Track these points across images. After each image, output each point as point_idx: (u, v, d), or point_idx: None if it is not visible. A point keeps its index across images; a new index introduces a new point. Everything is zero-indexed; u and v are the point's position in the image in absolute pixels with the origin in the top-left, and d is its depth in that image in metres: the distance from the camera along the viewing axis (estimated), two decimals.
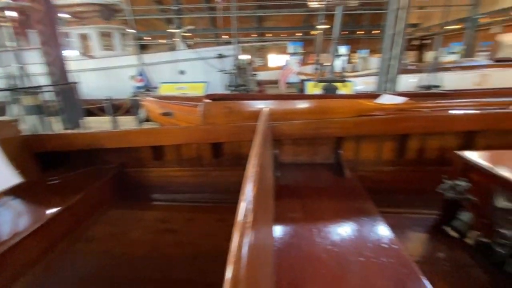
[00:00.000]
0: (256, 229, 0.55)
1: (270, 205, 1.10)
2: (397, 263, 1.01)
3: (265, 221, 0.85)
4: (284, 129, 1.77)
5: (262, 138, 0.84)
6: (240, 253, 0.42)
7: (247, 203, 0.50)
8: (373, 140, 1.98)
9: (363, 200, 1.43)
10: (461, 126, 1.83)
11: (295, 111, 1.78)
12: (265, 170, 1.09)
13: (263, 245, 0.70)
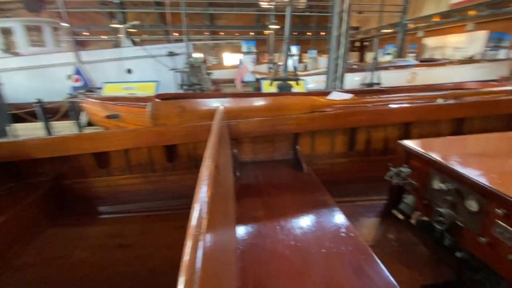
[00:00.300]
0: (214, 234, 0.50)
1: (230, 206, 1.05)
2: (355, 250, 1.05)
3: (226, 224, 0.80)
4: (241, 127, 1.73)
5: (217, 138, 0.79)
6: (193, 262, 0.37)
7: (201, 208, 0.45)
8: (326, 134, 2.08)
9: (321, 193, 1.48)
10: (400, 118, 2.04)
11: (252, 109, 1.76)
12: (224, 171, 1.04)
13: (224, 249, 0.65)
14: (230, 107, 1.72)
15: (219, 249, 0.55)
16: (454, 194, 1.10)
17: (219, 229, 0.60)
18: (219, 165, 0.77)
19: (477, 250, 1.02)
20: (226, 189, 0.90)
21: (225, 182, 0.98)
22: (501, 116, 2.18)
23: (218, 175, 0.69)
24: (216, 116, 1.10)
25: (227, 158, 1.26)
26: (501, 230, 0.92)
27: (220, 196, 0.69)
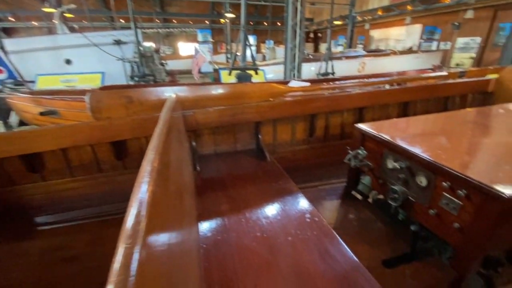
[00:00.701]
0: (160, 237, 0.43)
1: (188, 203, 0.96)
2: (320, 234, 1.06)
3: (182, 223, 0.72)
4: (198, 117, 1.62)
5: (165, 130, 0.69)
6: (126, 271, 0.30)
7: (139, 209, 0.37)
8: (287, 122, 2.08)
9: (285, 181, 1.47)
10: (354, 103, 2.13)
11: (209, 98, 1.65)
12: (179, 166, 0.94)
13: (180, 251, 0.57)
14: (184, 96, 1.59)
15: (171, 252, 0.47)
16: (405, 172, 1.17)
17: (171, 230, 0.52)
18: (171, 159, 0.68)
19: (427, 222, 1.10)
20: (181, 185, 0.81)
21: (181, 178, 0.89)
22: (438, 99, 2.42)
23: (167, 171, 0.60)
24: (166, 105, 0.98)
25: (183, 152, 1.15)
26: (446, 201, 1.00)
27: (172, 193, 0.60)
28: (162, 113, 0.85)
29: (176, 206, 0.64)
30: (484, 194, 0.86)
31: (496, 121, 1.53)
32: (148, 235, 0.35)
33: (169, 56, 14.84)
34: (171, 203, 0.58)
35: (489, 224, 0.87)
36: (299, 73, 6.31)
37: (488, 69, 2.52)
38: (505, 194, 0.80)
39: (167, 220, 0.50)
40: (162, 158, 0.56)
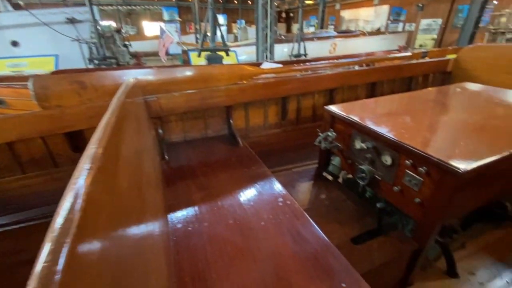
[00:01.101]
0: (107, 234, 0.39)
1: (154, 195, 0.91)
2: (292, 217, 1.07)
3: (145, 217, 0.67)
4: (163, 103, 1.51)
5: (115, 118, 0.62)
6: (51, 273, 0.26)
7: (72, 206, 0.32)
8: (259, 106, 2.03)
9: (258, 166, 1.45)
10: (325, 85, 2.13)
11: (174, 81, 1.54)
12: (141, 156, 0.87)
13: (139, 246, 0.53)
14: (146, 80, 1.46)
15: (122, 249, 0.43)
16: (372, 152, 1.21)
17: (123, 226, 0.47)
18: (123, 151, 0.62)
19: (392, 198, 1.16)
20: (140, 177, 0.75)
21: (141, 169, 0.83)
22: (403, 79, 2.52)
23: (116, 163, 0.54)
24: (119, 90, 0.89)
25: (146, 141, 1.07)
26: (409, 178, 1.04)
27: (125, 187, 0.55)
28: (114, 98, 0.76)
29: (133, 200, 0.59)
30: (442, 170, 0.91)
31: (453, 99, 1.62)
32: (83, 235, 0.31)
33: (133, 36, 13.74)
34: (125, 197, 0.53)
35: (446, 197, 0.92)
36: (271, 55, 6.20)
37: (448, 50, 2.65)
38: (460, 169, 0.84)
39: (117, 216, 0.45)
40: (109, 150, 0.49)
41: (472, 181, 0.95)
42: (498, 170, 1.05)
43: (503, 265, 1.33)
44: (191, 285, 0.82)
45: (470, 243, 1.46)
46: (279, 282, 0.81)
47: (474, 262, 1.35)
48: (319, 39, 9.13)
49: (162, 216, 1.00)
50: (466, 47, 2.43)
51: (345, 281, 0.81)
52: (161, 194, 1.12)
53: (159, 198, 1.06)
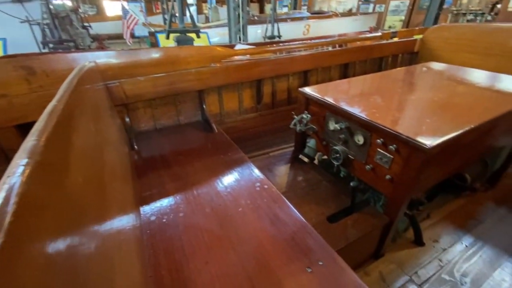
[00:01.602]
0: (53, 236, 0.34)
1: (122, 189, 0.85)
2: (270, 201, 1.07)
3: (110, 213, 0.62)
4: (127, 88, 1.40)
5: (63, 106, 0.55)
6: None
7: (4, 207, 0.27)
8: (233, 89, 1.97)
9: (234, 152, 1.42)
10: (299, 66, 2.10)
11: (138, 65, 1.42)
12: (102, 148, 0.80)
13: (102, 245, 0.49)
14: (106, 64, 1.33)
15: (78, 250, 0.39)
16: (345, 132, 1.22)
17: (79, 226, 0.43)
18: (76, 143, 0.55)
19: (364, 176, 1.20)
20: (102, 171, 0.69)
21: (108, 161, 0.76)
22: (375, 59, 2.56)
23: (68, 155, 0.48)
24: (72, 74, 0.79)
25: (109, 131, 0.99)
26: (380, 156, 1.08)
27: (79, 184, 0.49)
28: (62, 85, 0.67)
29: (91, 196, 0.53)
30: (410, 147, 0.94)
31: (419, 79, 1.67)
32: (15, 243, 0.26)
33: (93, 17, 12.56)
34: (79, 194, 0.47)
35: (414, 173, 0.97)
36: (245, 36, 6.00)
37: (415, 30, 2.72)
38: (426, 145, 0.88)
39: (68, 216, 0.40)
40: (55, 142, 0.43)
41: (437, 156, 1.00)
42: (459, 144, 1.11)
43: (463, 231, 1.45)
44: (168, 277, 0.80)
45: (434, 213, 1.58)
46: (259, 266, 0.81)
47: (438, 230, 1.46)
48: (292, 20, 8.98)
49: (133, 210, 0.94)
50: (431, 27, 2.51)
51: (321, 258, 0.83)
52: (131, 187, 1.05)
53: (129, 191, 1.00)
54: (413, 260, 1.29)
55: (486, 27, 2.25)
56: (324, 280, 0.77)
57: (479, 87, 1.47)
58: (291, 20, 8.94)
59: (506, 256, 1.31)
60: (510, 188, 1.78)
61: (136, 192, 1.10)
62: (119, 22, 9.77)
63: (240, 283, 0.77)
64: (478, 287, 1.16)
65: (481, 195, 1.72)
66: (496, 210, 1.59)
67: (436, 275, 1.22)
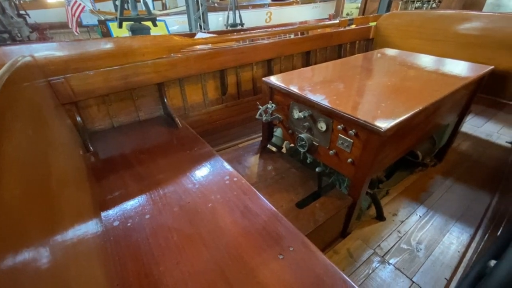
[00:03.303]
0: None
1: (76, 196, 0.77)
2: (240, 193, 1.06)
3: (62, 224, 0.56)
4: (75, 84, 1.26)
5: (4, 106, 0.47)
6: None
7: None
8: (196, 81, 1.89)
9: (200, 146, 1.38)
10: (262, 55, 2.09)
11: (85, 57, 1.28)
12: (54, 151, 0.71)
13: (61, 261, 0.45)
14: (46, 58, 1.18)
15: (24, 275, 0.35)
16: (309, 120, 1.25)
17: (21, 245, 0.38)
18: (13, 148, 0.48)
19: (329, 161, 1.25)
20: (50, 177, 0.62)
21: (54, 167, 0.68)
22: (334, 47, 2.64)
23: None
24: (1, 71, 0.68)
25: (55, 133, 0.89)
26: (342, 141, 1.12)
27: (23, 194, 0.43)
28: None
29: (32, 210, 0.47)
30: (367, 131, 0.99)
31: (375, 64, 1.76)
32: None
33: (30, 4, 11.07)
34: (15, 208, 0.42)
35: (372, 155, 1.03)
36: (206, 24, 5.78)
37: (370, 17, 2.84)
38: (382, 128, 0.93)
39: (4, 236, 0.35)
40: None
41: (392, 137, 1.08)
42: (411, 125, 1.21)
43: (417, 203, 1.60)
44: (137, 283, 0.76)
45: (393, 190, 1.71)
46: (232, 259, 0.81)
47: (396, 204, 1.60)
48: (253, 7, 8.85)
49: (92, 217, 0.87)
50: (384, 15, 2.65)
51: (292, 244, 0.85)
52: (88, 192, 0.97)
53: (85, 197, 0.92)
54: (376, 235, 1.39)
55: (431, 14, 2.44)
56: (295, 264, 0.79)
57: (426, 71, 1.60)
58: (252, 7, 8.81)
59: (453, 222, 1.48)
60: (455, 161, 2.00)
61: (95, 198, 1.02)
62: (63, 9, 8.76)
63: (213, 278, 0.76)
64: (431, 252, 1.30)
65: (431, 169, 1.91)
66: (444, 182, 1.78)
67: (396, 245, 1.33)
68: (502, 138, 2.37)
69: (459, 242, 1.34)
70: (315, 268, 0.78)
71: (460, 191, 1.71)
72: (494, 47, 2.06)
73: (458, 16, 2.23)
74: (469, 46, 2.18)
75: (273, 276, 0.76)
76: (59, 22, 9.36)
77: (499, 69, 2.05)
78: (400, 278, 1.18)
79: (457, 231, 1.42)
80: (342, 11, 13.56)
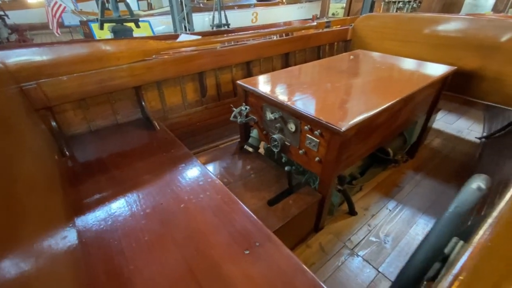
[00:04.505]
0: None
1: (46, 202, 0.80)
2: (213, 193, 1.10)
3: (34, 228, 0.59)
4: (48, 90, 1.27)
5: None
6: None
7: None
8: (175, 83, 1.91)
9: (177, 149, 1.41)
10: (241, 57, 2.13)
11: (59, 63, 1.28)
12: (23, 157, 0.74)
13: (30, 269, 0.48)
14: (17, 63, 1.19)
15: None
16: (280, 121, 1.30)
17: None
18: None
19: (299, 160, 1.30)
20: (17, 184, 0.64)
21: (23, 174, 0.70)
22: (313, 48, 2.71)
23: None
24: None
25: (26, 139, 0.90)
26: (309, 141, 1.18)
27: None
28: None
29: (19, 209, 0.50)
30: (330, 131, 1.05)
31: (346, 66, 1.84)
32: None
33: (9, 4, 10.70)
34: None
35: (335, 153, 1.09)
36: (191, 25, 5.77)
37: (347, 19, 2.93)
38: (342, 128, 1.00)
39: None
40: None
41: (355, 136, 1.14)
42: (375, 123, 1.28)
43: (388, 198, 1.69)
44: (106, 283, 0.79)
45: (366, 186, 1.79)
46: (201, 258, 0.85)
47: (368, 199, 1.68)
48: (239, 8, 8.88)
49: (64, 222, 0.90)
50: (360, 17, 2.74)
51: (258, 240, 0.90)
52: (59, 197, 0.99)
53: (57, 202, 0.94)
54: (347, 229, 1.46)
55: (404, 16, 2.54)
56: (260, 258, 0.84)
57: (393, 72, 1.68)
58: (238, 8, 8.83)
59: (420, 214, 1.57)
60: (426, 157, 2.11)
61: (68, 202, 1.04)
62: (44, 9, 8.52)
63: (182, 276, 0.80)
64: (398, 243, 1.39)
65: (403, 165, 2.00)
66: (414, 177, 1.88)
67: (365, 238, 1.41)
68: (472, 134, 2.51)
69: (424, 233, 1.43)
70: (278, 261, 0.83)
71: (429, 185, 1.81)
72: (462, 48, 2.17)
73: (429, 19, 2.34)
74: (439, 47, 2.29)
75: (238, 270, 0.81)
76: (41, 23, 9.11)
77: (466, 69, 2.17)
78: (367, 269, 1.25)
79: (423, 223, 1.51)
80: (328, 11, 13.76)
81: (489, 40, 2.00)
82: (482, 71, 2.10)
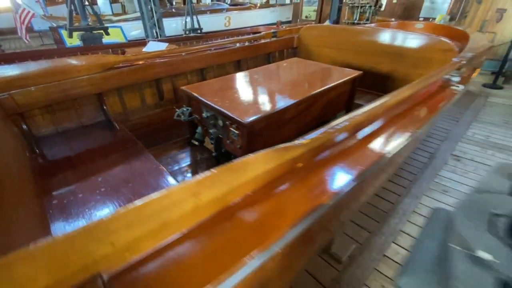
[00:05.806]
0: None
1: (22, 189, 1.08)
2: (157, 175, 1.43)
3: None
4: (19, 99, 1.54)
5: None
6: None
7: None
8: (133, 89, 2.21)
9: (136, 148, 1.68)
10: (193, 66, 2.46)
11: (27, 77, 1.54)
12: (2, 152, 1.01)
13: None
14: None
15: None
16: (213, 119, 1.65)
17: None
18: None
19: (229, 148, 1.66)
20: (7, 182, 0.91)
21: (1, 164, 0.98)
22: (264, 55, 3.09)
23: None
24: None
25: (3, 137, 1.18)
26: (232, 133, 1.54)
27: None
28: None
29: None
30: (241, 124, 1.42)
31: (275, 72, 2.21)
32: None
33: None
34: None
35: (247, 141, 1.45)
36: (161, 30, 5.99)
37: (293, 29, 3.34)
38: (246, 122, 1.36)
39: None
40: None
41: (266, 127, 1.50)
42: (286, 117, 1.65)
43: None
44: None
45: None
46: None
47: None
48: (211, 12, 9.17)
49: (39, 220, 1.14)
50: (304, 27, 3.16)
51: None
52: (32, 187, 1.26)
53: (30, 190, 1.21)
54: None
55: (337, 28, 2.98)
56: None
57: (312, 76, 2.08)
58: (211, 12, 9.12)
59: None
60: None
61: (38, 190, 1.30)
62: (9, 14, 8.36)
63: None
64: None
65: None
66: None
67: None
68: None
69: None
70: None
71: None
72: (378, 55, 2.64)
73: (355, 30, 2.79)
74: (363, 53, 2.74)
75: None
76: (9, 28, 8.92)
77: (383, 71, 2.64)
78: None
79: None
80: (301, 14, 14.34)
81: (396, 48, 2.48)
82: (394, 73, 2.57)
